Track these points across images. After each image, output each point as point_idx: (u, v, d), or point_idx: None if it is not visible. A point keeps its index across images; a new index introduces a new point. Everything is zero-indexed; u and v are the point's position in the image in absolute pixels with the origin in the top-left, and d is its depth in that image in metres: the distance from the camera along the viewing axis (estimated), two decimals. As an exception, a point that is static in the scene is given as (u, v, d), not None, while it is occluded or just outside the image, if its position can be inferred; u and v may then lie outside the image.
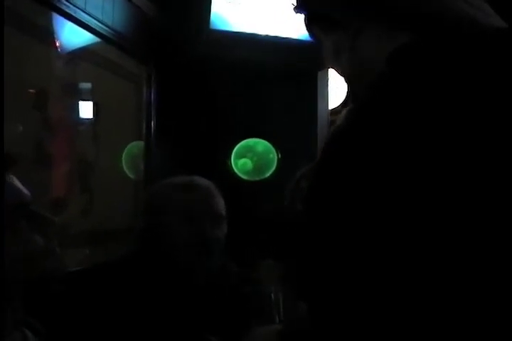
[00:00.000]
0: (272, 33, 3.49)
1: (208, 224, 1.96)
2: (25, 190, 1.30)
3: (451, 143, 0.99)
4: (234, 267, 2.14)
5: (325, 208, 1.06)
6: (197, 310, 1.94)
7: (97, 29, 2.68)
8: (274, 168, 3.68)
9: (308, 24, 1.32)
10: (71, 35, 2.59)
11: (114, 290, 1.93)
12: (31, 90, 2.38)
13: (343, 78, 1.31)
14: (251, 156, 3.74)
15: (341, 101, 5.61)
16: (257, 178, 3.69)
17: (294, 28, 3.49)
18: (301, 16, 1.33)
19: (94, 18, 2.64)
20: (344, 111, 1.16)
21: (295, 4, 1.32)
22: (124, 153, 3.17)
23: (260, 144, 3.74)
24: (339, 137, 1.13)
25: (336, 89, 5.40)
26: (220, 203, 2.03)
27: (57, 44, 2.52)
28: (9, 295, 1.26)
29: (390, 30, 1.17)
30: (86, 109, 2.79)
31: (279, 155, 3.67)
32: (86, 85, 2.80)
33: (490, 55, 1.06)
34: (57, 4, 2.36)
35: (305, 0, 1.31)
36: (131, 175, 3.20)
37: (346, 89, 5.57)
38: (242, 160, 3.74)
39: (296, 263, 1.17)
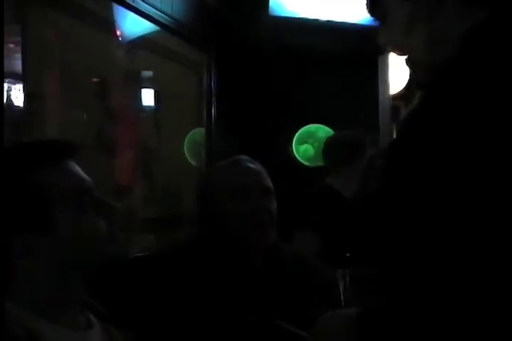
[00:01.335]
0: (331, 18, 3.48)
1: (258, 197, 2.00)
2: (87, 177, 1.33)
3: None
4: (287, 248, 2.16)
5: (400, 188, 1.08)
6: (258, 291, 1.97)
7: (157, 18, 2.71)
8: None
9: None
10: (131, 25, 2.62)
11: (179, 275, 1.97)
12: (94, 79, 2.42)
13: (406, 58, 1.27)
14: (312, 142, 3.73)
15: (403, 86, 5.56)
16: (319, 164, 3.69)
17: (353, 12, 3.47)
18: None
19: (154, 7, 2.66)
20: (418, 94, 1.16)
21: None
22: (185, 140, 3.21)
23: (321, 130, 3.73)
24: (414, 119, 1.14)
25: (398, 74, 5.35)
26: (268, 178, 2.08)
27: (118, 34, 2.56)
28: (73, 279, 1.30)
29: (470, 9, 1.15)
30: (147, 97, 2.83)
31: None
32: (147, 74, 2.84)
33: None
34: (117, -6, 2.39)
35: None
36: (192, 162, 3.23)
37: (408, 74, 5.50)
38: (304, 146, 3.74)
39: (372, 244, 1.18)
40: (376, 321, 1.11)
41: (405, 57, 1.26)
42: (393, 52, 1.30)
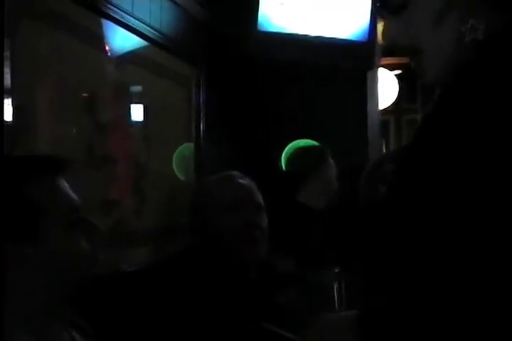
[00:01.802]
0: (321, 34, 3.49)
1: (250, 212, 2.03)
2: (75, 196, 1.33)
3: None
4: (280, 261, 2.17)
5: (413, 191, 1.08)
6: (250, 304, 1.97)
7: (145, 33, 2.72)
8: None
9: None
10: (121, 40, 2.63)
11: (170, 289, 1.98)
12: (84, 94, 2.42)
13: (413, 58, 1.23)
14: (301, 157, 3.72)
15: (392, 101, 5.59)
16: (308, 179, 3.69)
17: (342, 28, 3.49)
18: None
19: (143, 22, 2.67)
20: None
21: None
22: (174, 155, 3.20)
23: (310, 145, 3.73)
24: (430, 123, 1.13)
25: (387, 88, 5.39)
26: (259, 194, 2.10)
27: (108, 48, 2.56)
28: (57, 294, 1.29)
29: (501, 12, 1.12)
30: (137, 112, 2.83)
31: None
32: (136, 88, 2.84)
33: None
34: (105, 9, 2.40)
35: None
36: (181, 177, 3.23)
37: (398, 89, 5.54)
38: (293, 161, 3.72)
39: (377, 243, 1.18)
40: (379, 321, 1.10)
41: (411, 57, 1.23)
42: (395, 51, 1.26)
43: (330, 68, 3.62)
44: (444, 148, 1.05)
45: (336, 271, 2.23)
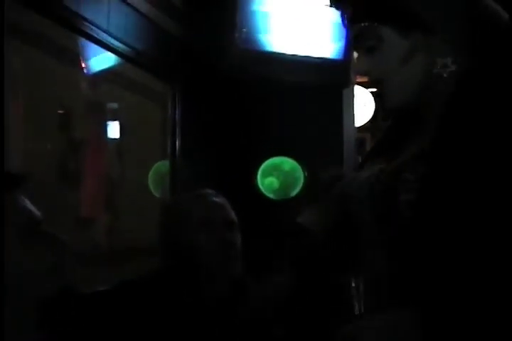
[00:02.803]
0: (297, 52, 3.51)
1: (222, 229, 2.03)
2: (35, 210, 1.32)
3: None
4: (252, 280, 2.16)
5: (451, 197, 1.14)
6: (223, 322, 1.97)
7: (121, 50, 2.71)
8: (300, 186, 3.67)
9: (379, 24, 1.31)
10: (95, 57, 2.62)
11: (141, 307, 1.96)
12: (57, 111, 2.41)
13: (379, 87, 1.32)
14: (277, 175, 3.74)
15: (369, 119, 5.63)
16: (284, 197, 3.69)
17: (318, 46, 3.51)
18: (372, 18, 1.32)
19: (118, 40, 2.67)
20: None
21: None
22: (150, 173, 3.19)
23: (286, 163, 3.74)
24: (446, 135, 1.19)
25: (364, 106, 5.42)
26: (232, 212, 2.10)
27: (82, 65, 2.55)
28: (21, 311, 1.28)
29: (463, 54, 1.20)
30: (112, 130, 2.83)
31: (306, 174, 3.67)
32: (111, 105, 2.83)
33: None
34: (80, 26, 2.39)
35: None
36: (157, 194, 3.22)
37: (374, 106, 5.58)
38: (269, 179, 3.74)
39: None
40: (446, 319, 1.12)
41: (378, 87, 1.31)
42: (368, 79, 1.35)
43: (306, 86, 3.63)
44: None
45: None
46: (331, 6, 1.40)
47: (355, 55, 3.19)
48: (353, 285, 1.60)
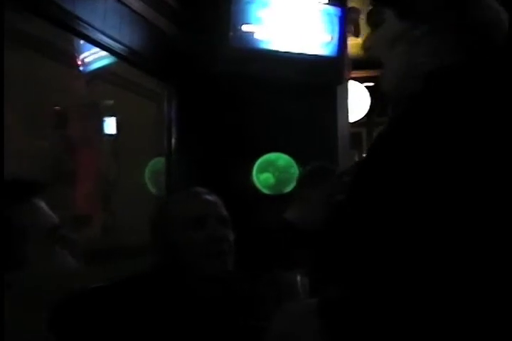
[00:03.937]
0: (291, 49, 3.53)
1: (214, 225, 2.02)
2: (53, 214, 1.35)
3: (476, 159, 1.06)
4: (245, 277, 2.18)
5: (365, 200, 1.17)
6: (215, 320, 1.98)
7: (116, 49, 2.73)
8: (295, 182, 3.69)
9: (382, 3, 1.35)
10: (91, 56, 2.64)
11: (134, 305, 1.97)
12: (53, 110, 2.43)
13: (382, 74, 1.35)
14: (273, 171, 3.76)
15: (364, 114, 5.64)
16: (279, 192, 3.72)
17: (312, 43, 3.53)
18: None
19: (113, 39, 2.68)
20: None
21: None
22: (146, 170, 3.21)
23: (282, 159, 3.76)
24: (383, 140, 1.23)
25: (359, 101, 5.43)
26: (224, 208, 2.10)
27: (78, 65, 2.57)
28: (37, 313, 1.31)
29: (458, 42, 1.22)
30: (107, 128, 2.85)
31: (301, 170, 3.68)
32: (107, 104, 2.85)
33: None
34: (76, 26, 2.41)
35: None
36: (153, 191, 3.24)
37: (370, 101, 5.59)
38: (264, 175, 3.76)
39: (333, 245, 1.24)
40: (338, 308, 1.15)
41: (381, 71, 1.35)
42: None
43: (300, 83, 3.65)
44: (394, 162, 1.15)
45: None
46: None
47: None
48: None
